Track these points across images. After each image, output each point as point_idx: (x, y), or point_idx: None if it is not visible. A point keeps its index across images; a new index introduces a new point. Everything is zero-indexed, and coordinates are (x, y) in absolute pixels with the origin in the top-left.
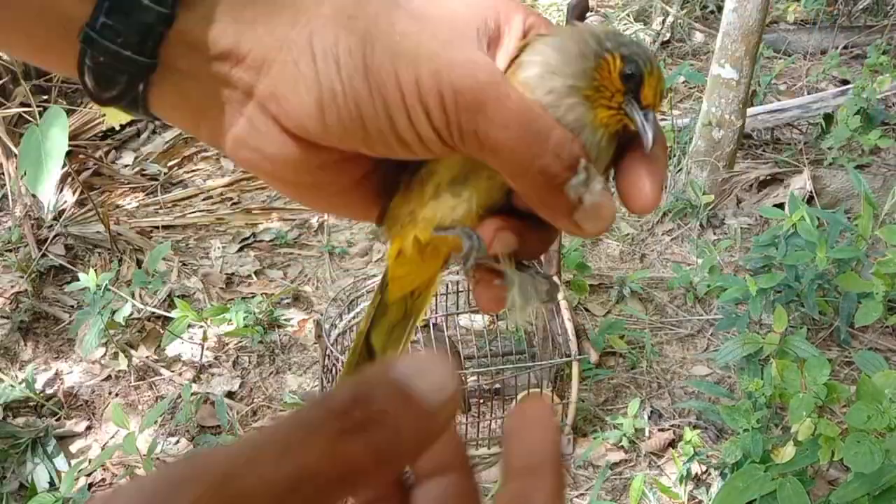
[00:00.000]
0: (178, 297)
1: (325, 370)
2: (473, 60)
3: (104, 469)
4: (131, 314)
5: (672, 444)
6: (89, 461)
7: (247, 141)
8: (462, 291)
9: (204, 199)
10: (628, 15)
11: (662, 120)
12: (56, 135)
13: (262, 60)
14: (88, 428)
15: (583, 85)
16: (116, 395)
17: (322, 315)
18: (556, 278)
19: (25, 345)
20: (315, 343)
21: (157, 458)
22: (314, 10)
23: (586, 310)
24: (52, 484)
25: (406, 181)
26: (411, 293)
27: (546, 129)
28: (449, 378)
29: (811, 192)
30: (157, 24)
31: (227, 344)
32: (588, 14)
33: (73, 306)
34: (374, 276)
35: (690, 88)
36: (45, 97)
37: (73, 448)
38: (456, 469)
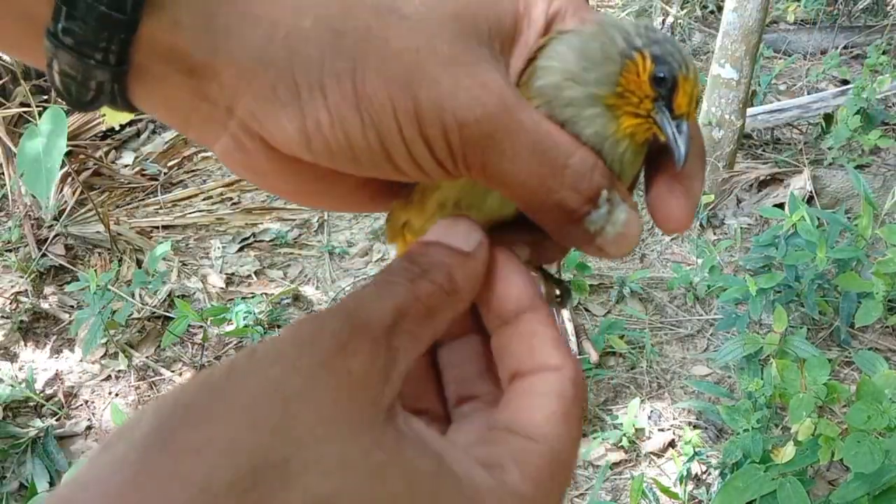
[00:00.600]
0: (178, 297)
1: None
2: (481, 83)
3: None
4: (131, 314)
5: (672, 444)
6: None
7: (233, 155)
8: None
9: (204, 199)
10: (628, 15)
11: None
12: (55, 135)
13: (238, 79)
14: (88, 428)
15: (605, 92)
16: (116, 395)
17: None
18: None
19: (25, 345)
20: None
21: None
22: (292, 21)
23: (586, 310)
24: (52, 484)
25: (406, 190)
26: None
27: (563, 157)
28: (471, 228)
29: (811, 192)
30: (118, 29)
31: (227, 344)
32: None
33: (73, 306)
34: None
35: None
36: (45, 97)
37: (73, 448)
38: (475, 331)
